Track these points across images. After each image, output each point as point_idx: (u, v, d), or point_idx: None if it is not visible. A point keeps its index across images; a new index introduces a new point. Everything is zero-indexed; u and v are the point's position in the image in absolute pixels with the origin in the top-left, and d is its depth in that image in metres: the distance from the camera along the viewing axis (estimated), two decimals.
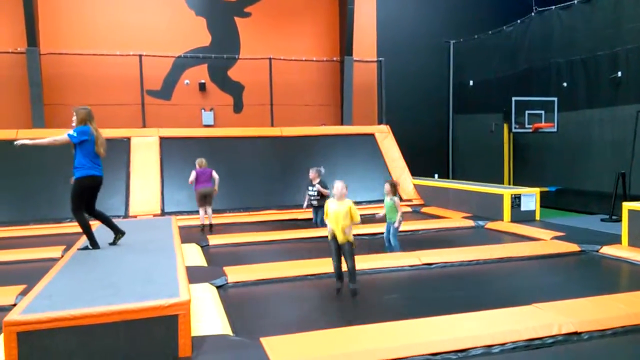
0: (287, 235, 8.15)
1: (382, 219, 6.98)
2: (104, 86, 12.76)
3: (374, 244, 7.57)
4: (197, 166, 8.87)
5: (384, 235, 6.95)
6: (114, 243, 5.63)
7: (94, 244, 5.47)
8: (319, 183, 8.57)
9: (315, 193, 8.59)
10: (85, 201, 5.50)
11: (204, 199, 8.92)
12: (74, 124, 5.45)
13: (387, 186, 6.81)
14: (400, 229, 6.85)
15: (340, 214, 4.77)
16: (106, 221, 5.70)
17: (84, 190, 5.44)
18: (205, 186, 8.83)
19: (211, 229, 8.89)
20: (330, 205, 4.91)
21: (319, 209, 8.51)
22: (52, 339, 3.19)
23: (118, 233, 5.68)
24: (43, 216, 9.43)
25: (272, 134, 12.37)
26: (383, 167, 12.14)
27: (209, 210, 9.03)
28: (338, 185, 4.89)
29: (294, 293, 5.25)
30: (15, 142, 5.50)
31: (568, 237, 7.40)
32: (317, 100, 14.55)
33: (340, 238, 4.82)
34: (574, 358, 3.62)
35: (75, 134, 5.34)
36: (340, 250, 4.88)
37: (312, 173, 8.64)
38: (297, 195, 11.16)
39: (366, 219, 9.43)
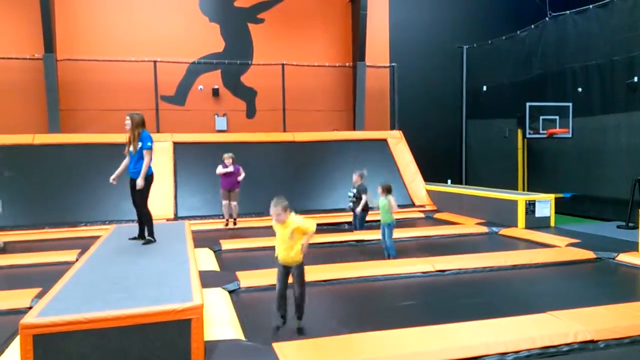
0: None
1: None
2: (119, 92, 12.90)
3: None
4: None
5: (380, 240, 7.01)
6: (133, 239, 6.23)
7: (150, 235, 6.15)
8: (359, 186, 8.87)
9: (352, 195, 8.98)
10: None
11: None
12: (128, 127, 6.06)
13: (379, 189, 6.92)
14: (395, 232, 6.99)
15: (285, 235, 4.14)
16: (139, 218, 6.32)
17: (151, 184, 6.19)
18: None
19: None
20: (275, 226, 4.30)
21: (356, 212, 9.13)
22: (66, 341, 3.22)
23: (141, 237, 6.22)
24: (59, 220, 9.54)
25: (284, 139, 12.41)
26: (395, 172, 12.11)
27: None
28: (272, 209, 4.16)
29: (306, 299, 5.23)
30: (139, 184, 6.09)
31: (583, 244, 7.30)
32: (330, 105, 14.57)
33: (286, 259, 4.16)
34: None
35: (150, 143, 6.05)
36: (288, 275, 4.17)
37: (355, 176, 8.98)
38: (309, 200, 11.18)
39: (375, 226, 9.42)
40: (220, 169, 8.74)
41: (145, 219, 6.18)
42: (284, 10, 14.19)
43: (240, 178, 9.00)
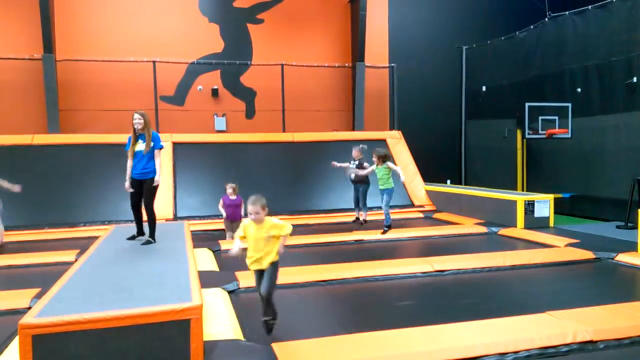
0: (299, 240, 8.15)
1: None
2: (118, 92, 12.91)
3: (385, 250, 7.54)
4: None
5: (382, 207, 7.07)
6: (130, 238, 6.22)
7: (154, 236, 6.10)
8: (360, 160, 9.43)
9: (355, 166, 9.45)
10: None
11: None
12: (139, 127, 5.96)
13: (374, 158, 6.84)
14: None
15: (261, 240, 3.90)
16: (137, 218, 6.36)
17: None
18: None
19: None
20: (248, 228, 3.99)
21: (358, 185, 9.54)
22: (66, 342, 3.22)
23: (139, 235, 6.28)
24: (58, 220, 9.53)
25: (283, 139, 12.41)
26: (395, 172, 12.10)
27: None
28: (250, 207, 3.89)
29: (305, 299, 5.24)
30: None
31: (583, 244, 7.30)
32: (329, 105, 14.58)
33: (261, 265, 3.95)
34: None
35: (162, 144, 6.08)
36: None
37: (355, 152, 9.56)
38: (309, 200, 11.18)
39: (374, 226, 9.43)
40: (220, 208, 8.24)
41: (150, 219, 6.12)
42: (283, 10, 14.20)
43: (242, 211, 8.46)
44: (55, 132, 11.90)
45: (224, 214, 8.09)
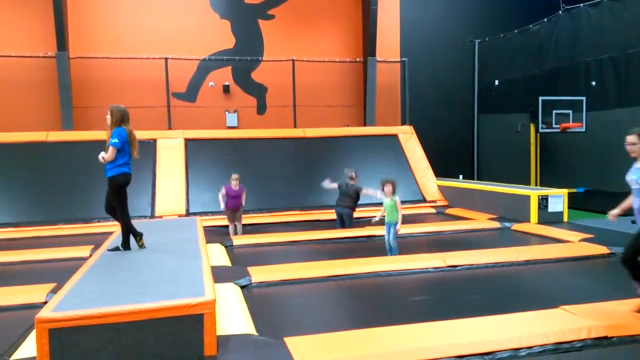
0: (310, 236, 8.17)
1: (380, 222, 6.85)
2: (131, 89, 13.01)
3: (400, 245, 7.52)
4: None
5: (384, 237, 6.79)
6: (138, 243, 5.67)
7: (127, 245, 5.47)
8: (352, 186, 8.61)
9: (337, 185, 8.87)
10: (126, 199, 5.45)
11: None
12: (108, 123, 5.48)
13: (388, 187, 6.57)
14: (401, 231, 6.72)
15: None
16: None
17: (122, 187, 5.41)
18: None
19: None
20: None
21: (342, 209, 8.68)
22: (81, 335, 3.27)
23: (137, 237, 5.64)
24: (72, 216, 9.64)
25: (295, 135, 12.42)
26: (407, 168, 12.06)
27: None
28: None
29: (317, 294, 5.25)
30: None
31: (597, 239, 7.23)
32: (340, 101, 14.55)
33: None
34: None
35: (117, 140, 5.30)
36: None
37: (352, 173, 8.73)
38: (320, 196, 11.18)
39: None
40: (220, 198, 8.48)
41: (121, 226, 5.49)
42: (294, 6, 14.19)
43: (243, 200, 8.70)
44: (69, 128, 12.04)
45: (223, 205, 8.47)
